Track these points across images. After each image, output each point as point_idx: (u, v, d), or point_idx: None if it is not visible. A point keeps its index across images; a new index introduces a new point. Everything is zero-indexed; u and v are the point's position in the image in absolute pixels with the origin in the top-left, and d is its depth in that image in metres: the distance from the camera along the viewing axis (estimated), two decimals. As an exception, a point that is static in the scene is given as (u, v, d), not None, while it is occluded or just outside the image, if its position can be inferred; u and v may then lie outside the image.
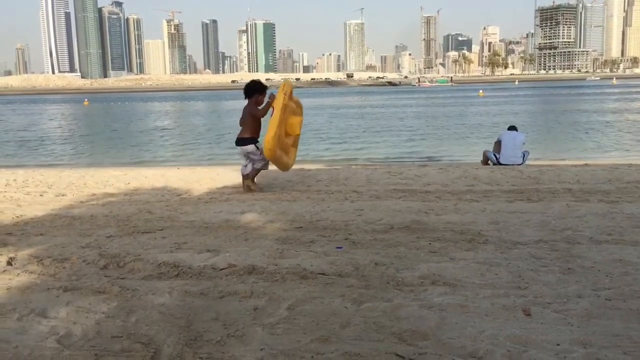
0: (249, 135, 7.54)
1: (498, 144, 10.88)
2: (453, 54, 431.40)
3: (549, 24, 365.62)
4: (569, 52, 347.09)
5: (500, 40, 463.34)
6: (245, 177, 7.81)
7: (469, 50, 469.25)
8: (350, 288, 3.49)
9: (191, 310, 3.16)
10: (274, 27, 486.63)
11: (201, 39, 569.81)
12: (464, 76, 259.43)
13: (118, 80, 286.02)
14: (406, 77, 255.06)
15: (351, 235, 4.97)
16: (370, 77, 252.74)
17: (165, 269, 3.94)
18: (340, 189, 7.88)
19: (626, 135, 20.98)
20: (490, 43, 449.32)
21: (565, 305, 3.11)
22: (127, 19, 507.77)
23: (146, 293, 3.45)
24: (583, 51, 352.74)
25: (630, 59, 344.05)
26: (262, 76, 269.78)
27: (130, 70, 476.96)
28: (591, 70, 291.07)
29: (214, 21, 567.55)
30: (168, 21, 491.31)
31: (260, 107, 7.54)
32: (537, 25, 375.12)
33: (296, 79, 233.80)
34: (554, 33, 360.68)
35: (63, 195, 7.77)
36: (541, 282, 3.53)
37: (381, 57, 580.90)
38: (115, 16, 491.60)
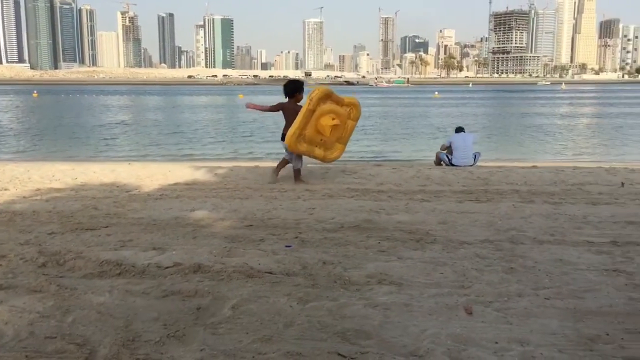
0: None
1: (449, 147, 11.02)
2: (410, 55, 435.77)
3: (502, 29, 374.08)
4: (521, 57, 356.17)
5: (455, 44, 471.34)
6: (295, 174, 8.40)
7: (426, 52, 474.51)
8: (297, 287, 3.47)
9: (131, 310, 3.08)
10: (232, 23, 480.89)
11: (157, 33, 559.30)
12: (421, 77, 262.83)
13: (69, 72, 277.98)
14: (364, 76, 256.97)
15: (301, 233, 4.95)
16: (328, 75, 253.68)
17: (107, 267, 3.83)
18: (294, 187, 7.87)
19: (574, 139, 21.68)
20: (446, 46, 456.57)
21: (505, 304, 3.17)
22: (80, 10, 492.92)
23: (85, 292, 3.34)
24: (534, 56, 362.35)
25: (579, 65, 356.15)
26: (219, 72, 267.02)
27: (82, 62, 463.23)
28: (542, 75, 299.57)
29: (171, 15, 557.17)
30: (122, 13, 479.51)
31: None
32: (491, 30, 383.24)
33: (254, 76, 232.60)
34: (507, 38, 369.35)
35: (5, 189, 7.48)
36: (484, 282, 3.59)
37: (339, 56, 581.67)
38: (67, 6, 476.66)
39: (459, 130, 11.17)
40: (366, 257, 4.15)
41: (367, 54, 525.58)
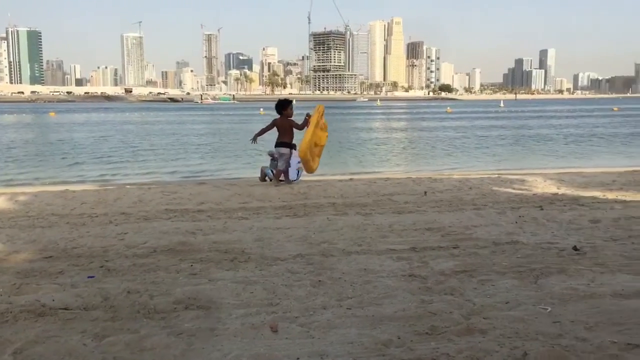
0: (287, 140, 10.09)
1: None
2: (235, 72, 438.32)
3: (321, 48, 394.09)
4: (340, 75, 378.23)
5: (279, 61, 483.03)
6: (277, 174, 10.16)
7: (250, 69, 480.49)
8: (94, 322, 3.20)
9: None
10: (40, 36, 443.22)
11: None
12: (246, 94, 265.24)
13: None
14: (188, 93, 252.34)
15: (108, 262, 4.64)
16: (150, 92, 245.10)
17: None
18: (107, 211, 7.39)
19: (388, 151, 23.22)
20: (269, 63, 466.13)
21: (310, 318, 3.23)
22: None
23: None
24: (352, 75, 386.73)
25: (391, 83, 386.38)
26: (27, 88, 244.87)
27: None
28: (359, 92, 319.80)
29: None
30: None
31: (300, 123, 10.18)
32: (312, 49, 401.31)
33: (67, 92, 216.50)
34: (326, 57, 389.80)
35: None
36: (292, 297, 3.63)
37: (162, 72, 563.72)
38: None
39: (282, 145, 11.37)
40: (176, 282, 4.00)
41: (191, 71, 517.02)
